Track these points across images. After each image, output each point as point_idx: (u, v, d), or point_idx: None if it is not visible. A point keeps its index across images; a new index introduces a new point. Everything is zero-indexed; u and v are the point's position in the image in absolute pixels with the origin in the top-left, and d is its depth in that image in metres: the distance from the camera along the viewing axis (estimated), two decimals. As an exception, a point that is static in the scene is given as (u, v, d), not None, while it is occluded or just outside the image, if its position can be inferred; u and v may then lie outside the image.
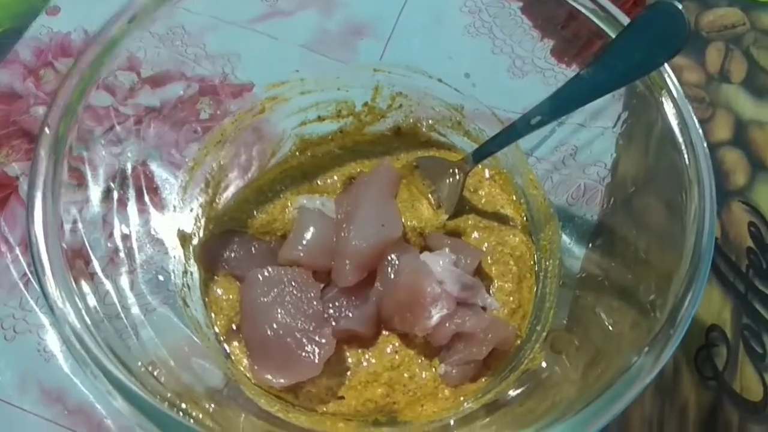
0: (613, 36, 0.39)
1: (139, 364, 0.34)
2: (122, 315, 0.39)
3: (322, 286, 0.40)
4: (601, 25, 0.39)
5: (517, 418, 0.33)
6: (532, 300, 0.43)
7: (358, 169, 0.48)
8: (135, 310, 0.40)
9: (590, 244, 0.44)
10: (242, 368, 0.41)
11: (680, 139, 0.37)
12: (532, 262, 0.45)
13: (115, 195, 0.42)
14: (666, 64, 0.37)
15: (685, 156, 0.36)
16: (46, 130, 0.36)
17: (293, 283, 0.40)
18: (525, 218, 0.47)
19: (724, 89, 0.58)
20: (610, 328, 0.34)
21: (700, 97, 0.58)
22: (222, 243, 0.44)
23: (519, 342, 0.41)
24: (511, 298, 0.43)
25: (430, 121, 0.49)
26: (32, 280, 0.47)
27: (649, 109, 0.40)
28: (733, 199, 0.53)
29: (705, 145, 0.36)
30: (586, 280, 0.42)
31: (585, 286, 0.42)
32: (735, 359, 0.47)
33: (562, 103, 0.41)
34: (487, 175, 0.49)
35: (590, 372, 0.31)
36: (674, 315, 0.29)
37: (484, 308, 0.41)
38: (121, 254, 0.42)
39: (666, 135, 0.38)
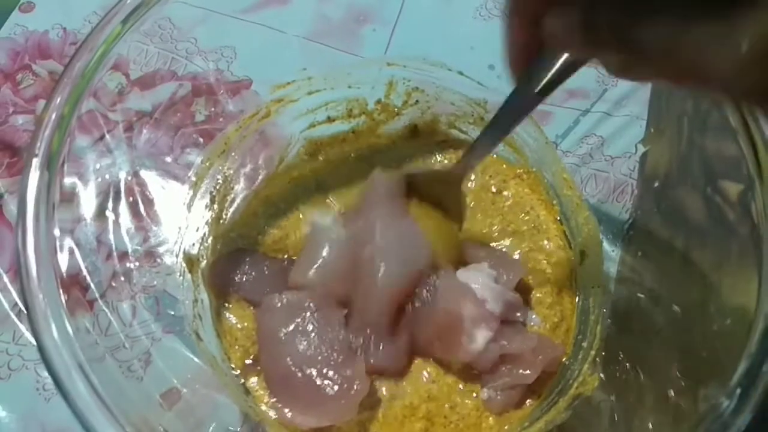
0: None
1: (147, 411, 0.31)
2: (127, 346, 0.36)
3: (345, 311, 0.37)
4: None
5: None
6: (575, 312, 0.40)
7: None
8: (141, 339, 0.37)
9: (626, 248, 0.41)
10: (264, 405, 0.37)
11: (733, 124, 0.32)
12: (569, 269, 0.41)
13: (110, 212, 0.39)
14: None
15: (741, 143, 0.32)
16: (37, 146, 0.33)
17: (315, 310, 0.36)
18: (559, 220, 0.44)
19: None
20: (670, 354, 0.31)
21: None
22: (232, 264, 0.40)
23: (564, 360, 0.38)
24: (552, 311, 0.39)
25: (450, 118, 0.46)
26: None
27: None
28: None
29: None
30: (625, 288, 0.39)
31: (626, 294, 0.39)
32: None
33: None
34: (512, 174, 0.45)
35: (661, 408, 0.28)
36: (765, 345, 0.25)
37: (524, 324, 0.38)
38: (121, 278, 0.38)
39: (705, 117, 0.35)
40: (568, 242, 0.43)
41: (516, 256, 0.41)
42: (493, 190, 0.45)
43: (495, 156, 0.45)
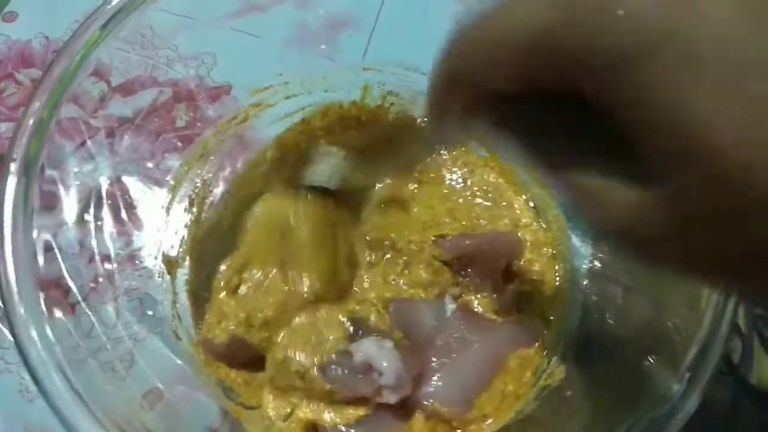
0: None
1: (129, 411, 0.32)
2: (109, 347, 0.37)
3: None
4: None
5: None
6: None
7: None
8: (123, 340, 0.37)
9: (597, 245, 0.42)
10: (241, 400, 0.38)
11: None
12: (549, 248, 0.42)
13: (92, 217, 0.39)
14: None
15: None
16: (14, 155, 0.33)
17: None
18: (534, 207, 0.44)
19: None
20: (634, 344, 0.32)
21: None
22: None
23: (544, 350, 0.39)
24: (534, 298, 0.40)
25: (425, 120, 0.47)
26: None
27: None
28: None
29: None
30: (596, 284, 0.40)
31: (596, 290, 0.40)
32: (750, 352, 0.46)
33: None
34: (482, 163, 0.46)
35: (619, 397, 0.29)
36: (713, 332, 0.27)
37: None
38: (104, 281, 0.39)
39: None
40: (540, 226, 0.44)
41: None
42: (462, 173, 0.46)
43: (464, 149, 0.46)
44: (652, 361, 0.29)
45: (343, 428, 0.37)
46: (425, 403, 0.37)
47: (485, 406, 0.37)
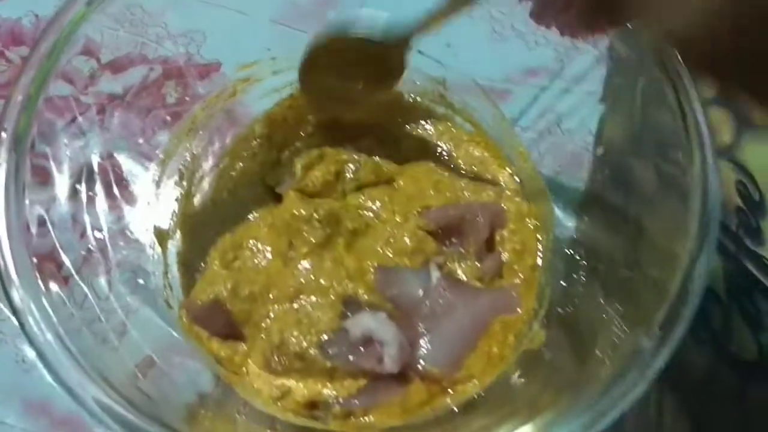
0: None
1: (124, 376, 0.33)
2: (102, 318, 0.38)
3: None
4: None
5: (524, 404, 0.32)
6: (536, 270, 0.41)
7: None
8: (115, 312, 0.38)
9: (583, 215, 0.43)
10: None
11: (671, 97, 0.35)
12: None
13: (84, 191, 0.40)
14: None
15: (679, 114, 0.34)
16: (5, 126, 0.34)
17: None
18: (518, 181, 0.45)
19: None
20: (612, 308, 0.33)
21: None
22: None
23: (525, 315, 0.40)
24: (516, 267, 0.42)
25: (412, 95, 0.47)
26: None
27: (632, 69, 0.39)
28: (720, 158, 0.52)
29: (699, 102, 0.34)
30: (580, 254, 0.41)
31: (579, 261, 0.41)
32: (729, 320, 0.47)
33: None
34: (467, 138, 0.47)
35: (593, 359, 0.30)
36: (685, 290, 0.28)
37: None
38: (97, 254, 0.40)
39: (655, 93, 0.37)
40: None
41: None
42: (448, 148, 0.47)
43: (449, 124, 0.47)
44: (625, 320, 0.31)
45: (341, 400, 0.38)
46: (418, 366, 0.38)
47: (472, 367, 0.38)
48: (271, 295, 0.39)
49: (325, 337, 0.38)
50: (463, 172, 0.45)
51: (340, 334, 0.38)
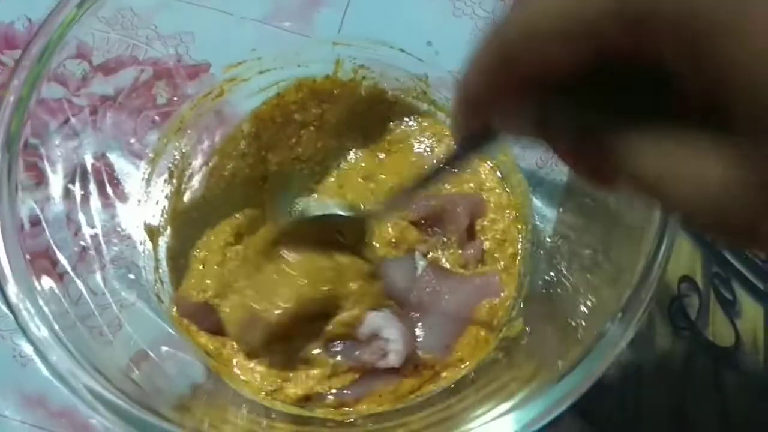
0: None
1: (117, 368, 0.34)
2: (96, 314, 0.39)
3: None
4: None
5: (501, 386, 0.33)
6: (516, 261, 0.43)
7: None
8: (110, 307, 0.39)
9: (561, 208, 0.44)
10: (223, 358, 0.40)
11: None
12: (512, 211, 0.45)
13: (77, 191, 0.41)
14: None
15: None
16: (-3, 127, 0.35)
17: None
18: (500, 175, 0.47)
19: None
20: (584, 293, 0.35)
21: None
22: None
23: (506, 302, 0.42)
24: (497, 255, 0.43)
25: (396, 92, 0.48)
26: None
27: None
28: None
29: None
30: (558, 244, 0.42)
31: (557, 250, 0.42)
32: (706, 308, 0.48)
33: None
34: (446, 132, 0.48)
35: (567, 339, 0.31)
36: (646, 276, 0.29)
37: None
38: (91, 252, 0.41)
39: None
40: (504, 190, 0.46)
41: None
42: (430, 142, 0.48)
43: (432, 120, 0.48)
44: (596, 305, 0.32)
45: (334, 391, 0.39)
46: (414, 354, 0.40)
47: (461, 351, 0.40)
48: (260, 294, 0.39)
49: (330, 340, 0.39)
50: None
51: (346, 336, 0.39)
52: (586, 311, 0.32)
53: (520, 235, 0.43)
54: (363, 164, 0.45)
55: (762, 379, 0.47)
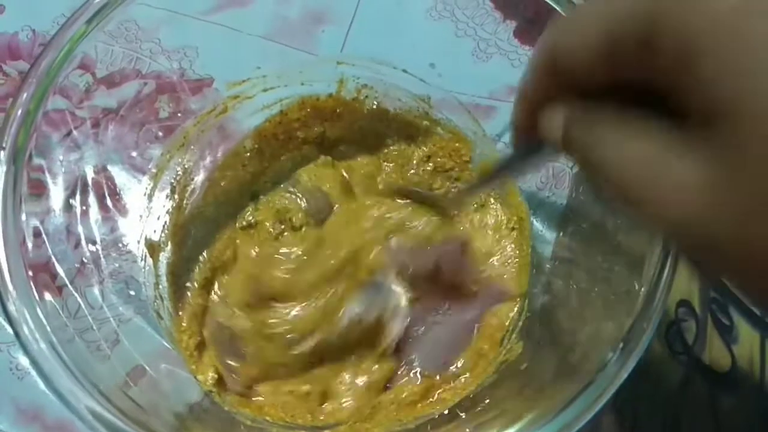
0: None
1: (114, 383, 0.34)
2: (95, 328, 0.39)
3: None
4: (557, 6, 0.38)
5: (497, 415, 0.33)
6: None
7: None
8: (108, 321, 0.39)
9: (561, 231, 0.45)
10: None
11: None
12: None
13: (78, 204, 0.41)
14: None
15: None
16: (4, 141, 0.35)
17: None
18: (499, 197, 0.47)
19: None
20: (584, 320, 0.35)
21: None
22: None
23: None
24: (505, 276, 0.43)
25: (398, 112, 0.49)
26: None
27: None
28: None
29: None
30: (558, 267, 0.43)
31: (557, 274, 0.42)
32: (704, 333, 0.48)
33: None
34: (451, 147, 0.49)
35: (566, 368, 0.32)
36: (648, 304, 0.29)
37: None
38: (90, 265, 0.41)
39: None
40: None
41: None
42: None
43: (439, 136, 0.49)
44: (596, 332, 0.32)
45: None
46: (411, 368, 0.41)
47: (461, 371, 0.41)
48: None
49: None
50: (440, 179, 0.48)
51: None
52: (586, 339, 0.32)
53: (518, 259, 0.43)
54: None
55: (758, 405, 0.47)
